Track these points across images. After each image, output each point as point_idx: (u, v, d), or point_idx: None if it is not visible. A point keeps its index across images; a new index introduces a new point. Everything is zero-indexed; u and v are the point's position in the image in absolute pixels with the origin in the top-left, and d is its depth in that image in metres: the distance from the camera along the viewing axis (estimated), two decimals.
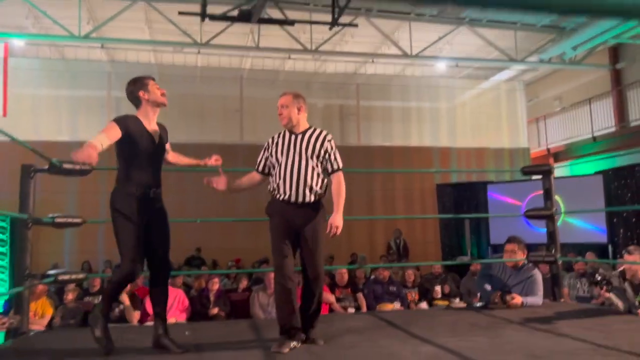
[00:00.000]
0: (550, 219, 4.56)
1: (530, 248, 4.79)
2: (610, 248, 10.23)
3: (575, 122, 12.85)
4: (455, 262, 9.49)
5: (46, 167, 3.48)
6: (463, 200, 12.09)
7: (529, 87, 14.16)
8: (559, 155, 13.15)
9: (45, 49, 12.29)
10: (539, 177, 4.91)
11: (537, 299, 4.21)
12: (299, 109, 3.12)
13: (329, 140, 3.10)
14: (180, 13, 8.73)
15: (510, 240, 4.48)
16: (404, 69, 13.33)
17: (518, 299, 4.12)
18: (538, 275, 4.31)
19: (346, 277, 6.90)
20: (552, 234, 4.58)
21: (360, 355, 2.75)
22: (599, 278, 3.88)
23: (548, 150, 13.34)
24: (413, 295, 7.04)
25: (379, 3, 10.76)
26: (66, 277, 3.58)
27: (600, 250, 10.26)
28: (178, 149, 3.28)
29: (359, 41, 12.41)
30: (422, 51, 12.00)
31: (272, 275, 6.49)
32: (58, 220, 3.53)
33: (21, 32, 10.69)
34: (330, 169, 3.08)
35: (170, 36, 10.69)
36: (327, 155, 3.07)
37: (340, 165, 3.10)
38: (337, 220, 2.99)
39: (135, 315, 5.97)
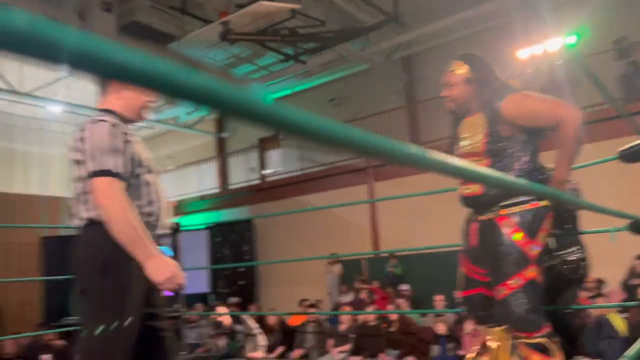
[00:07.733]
0: None
1: None
2: (210, 297, 11.26)
3: (186, 180, 13.92)
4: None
5: None
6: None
7: (147, 142, 14.55)
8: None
9: None
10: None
11: None
12: None
13: None
14: None
15: None
16: (10, 106, 11.78)
17: None
18: None
19: None
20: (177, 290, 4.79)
21: None
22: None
23: None
24: None
25: None
26: None
27: (202, 299, 11.22)
28: None
29: None
30: (35, 90, 10.91)
31: None
32: None
33: None
34: None
35: None
36: None
37: None
38: None
39: None
